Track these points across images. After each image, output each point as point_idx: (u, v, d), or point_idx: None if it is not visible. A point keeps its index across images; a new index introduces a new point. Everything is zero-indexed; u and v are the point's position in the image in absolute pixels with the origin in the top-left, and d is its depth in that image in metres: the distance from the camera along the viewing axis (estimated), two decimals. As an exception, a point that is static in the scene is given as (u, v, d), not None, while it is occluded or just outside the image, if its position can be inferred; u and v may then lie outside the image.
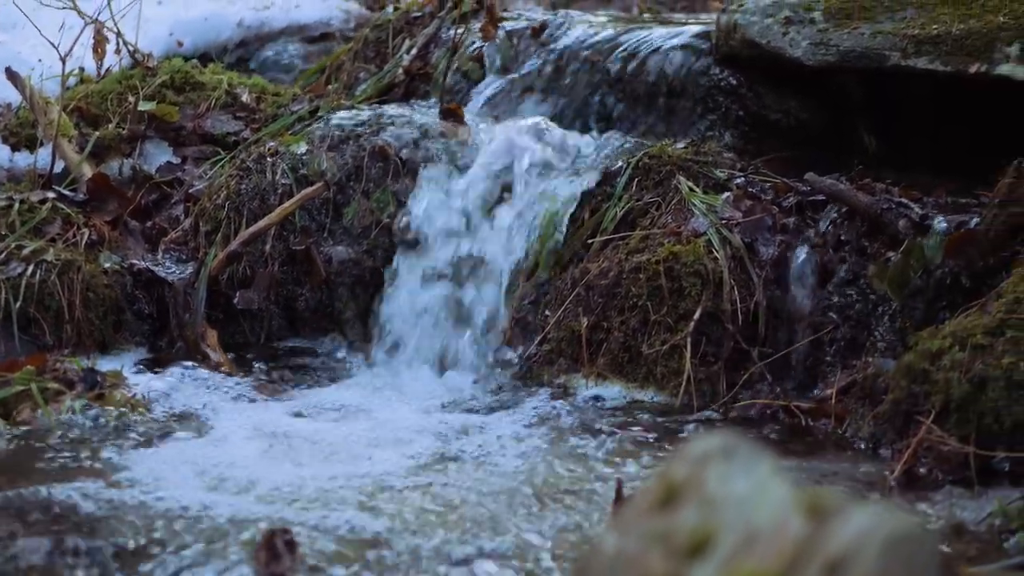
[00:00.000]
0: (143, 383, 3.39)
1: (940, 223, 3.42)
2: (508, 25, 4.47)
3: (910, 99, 4.05)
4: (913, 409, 3.15)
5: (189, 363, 3.56)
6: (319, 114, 4.10)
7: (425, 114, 4.13)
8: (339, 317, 3.83)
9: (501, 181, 3.87)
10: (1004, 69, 3.71)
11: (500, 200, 3.86)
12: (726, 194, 3.71)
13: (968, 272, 3.36)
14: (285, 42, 5.00)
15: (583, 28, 4.39)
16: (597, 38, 4.32)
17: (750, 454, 1.61)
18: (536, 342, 3.62)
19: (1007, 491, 2.90)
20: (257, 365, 3.66)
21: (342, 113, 4.08)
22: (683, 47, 4.19)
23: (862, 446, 3.23)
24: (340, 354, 3.73)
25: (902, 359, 3.23)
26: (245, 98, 4.21)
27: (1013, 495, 2.82)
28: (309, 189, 3.83)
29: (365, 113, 4.09)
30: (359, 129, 4.00)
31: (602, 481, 2.95)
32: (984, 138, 3.98)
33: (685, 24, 4.39)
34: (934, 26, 3.83)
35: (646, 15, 5.26)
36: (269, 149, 3.94)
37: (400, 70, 4.53)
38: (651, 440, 3.25)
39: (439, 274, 3.79)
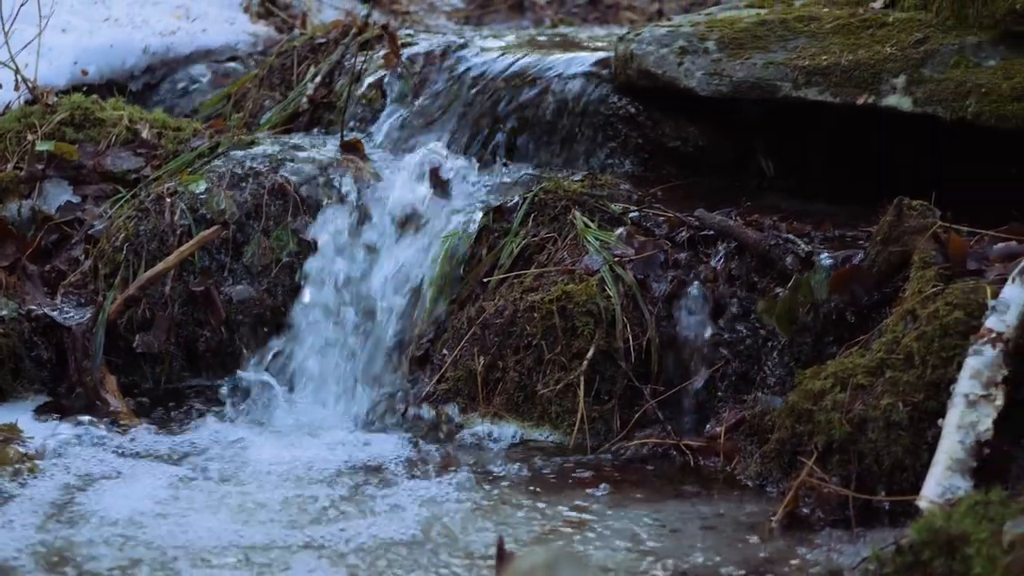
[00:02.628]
0: (39, 435, 3.39)
1: (825, 259, 3.47)
2: (411, 51, 4.48)
3: (805, 125, 4.09)
4: (798, 449, 3.20)
5: (86, 413, 3.54)
6: (219, 150, 4.10)
7: (326, 147, 4.14)
8: (240, 356, 3.84)
9: (398, 218, 3.89)
10: (891, 100, 3.76)
11: (398, 237, 3.88)
12: (620, 230, 3.74)
13: (853, 308, 3.42)
14: (192, 67, 4.99)
15: (486, 54, 4.40)
16: (499, 65, 4.33)
17: (573, 569, 1.66)
18: (433, 381, 3.64)
19: (886, 532, 2.96)
20: (154, 411, 3.66)
21: (242, 150, 4.08)
22: (583, 75, 4.22)
23: (750, 484, 3.28)
24: (238, 396, 3.74)
25: (787, 398, 3.28)
26: (145, 134, 4.20)
27: (889, 538, 2.87)
28: (206, 232, 3.84)
29: (265, 148, 4.09)
30: (259, 166, 4.00)
31: (486, 532, 2.99)
32: (877, 164, 4.03)
33: (587, 50, 4.40)
34: (824, 57, 3.87)
35: (557, 30, 5.28)
36: (168, 189, 3.94)
37: (304, 99, 4.53)
38: (543, 482, 3.29)
39: (335, 318, 3.81)
